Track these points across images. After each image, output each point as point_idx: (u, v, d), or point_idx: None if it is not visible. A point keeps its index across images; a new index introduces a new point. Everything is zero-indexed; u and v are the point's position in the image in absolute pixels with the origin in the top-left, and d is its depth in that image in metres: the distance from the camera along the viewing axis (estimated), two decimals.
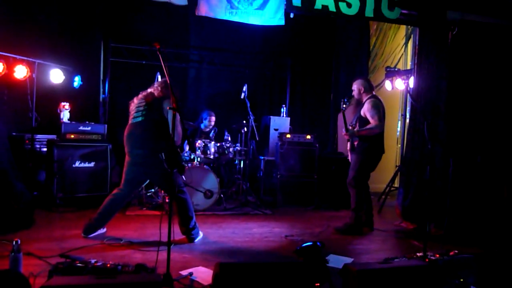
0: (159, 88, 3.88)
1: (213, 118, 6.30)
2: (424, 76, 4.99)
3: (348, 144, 4.69)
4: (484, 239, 4.35)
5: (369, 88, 4.73)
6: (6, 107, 5.21)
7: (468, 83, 4.84)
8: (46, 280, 2.40)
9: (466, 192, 4.61)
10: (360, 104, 4.78)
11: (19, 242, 2.68)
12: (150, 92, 3.92)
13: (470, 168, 4.65)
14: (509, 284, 3.13)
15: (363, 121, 4.58)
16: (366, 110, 4.56)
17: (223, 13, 4.42)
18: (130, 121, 3.89)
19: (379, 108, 4.55)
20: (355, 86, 4.78)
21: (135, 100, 3.96)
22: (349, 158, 4.79)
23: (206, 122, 6.26)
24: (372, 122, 4.49)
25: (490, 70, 4.87)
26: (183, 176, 4.21)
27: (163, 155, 3.70)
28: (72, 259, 2.77)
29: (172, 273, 2.77)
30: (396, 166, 7.27)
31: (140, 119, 3.80)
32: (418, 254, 3.48)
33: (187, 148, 5.64)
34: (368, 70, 7.39)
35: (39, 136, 5.36)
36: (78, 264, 2.65)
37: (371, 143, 4.53)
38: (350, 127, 4.64)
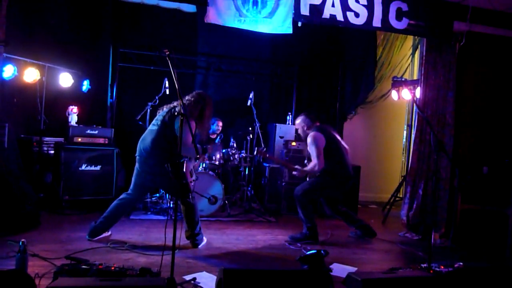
0: (187, 104, 3.84)
1: (221, 124, 6.33)
2: (431, 87, 5.00)
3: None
4: (490, 251, 4.32)
5: (311, 122, 4.65)
6: (15, 109, 5.27)
7: (475, 94, 4.85)
8: (51, 281, 2.41)
9: (471, 202, 4.58)
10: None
11: (25, 243, 2.71)
12: (173, 107, 3.88)
13: (476, 179, 4.63)
14: None
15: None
16: (308, 146, 4.53)
17: (231, 21, 4.46)
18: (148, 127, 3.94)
19: (318, 144, 4.43)
20: (298, 125, 4.73)
21: (164, 108, 3.95)
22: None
23: (214, 127, 6.29)
24: (313, 160, 4.43)
25: (497, 81, 4.88)
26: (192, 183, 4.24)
27: (169, 167, 3.69)
28: (77, 261, 2.79)
29: (176, 277, 2.78)
30: (402, 176, 7.25)
31: (155, 127, 3.82)
32: (422, 265, 3.47)
33: (217, 155, 5.60)
34: (374, 80, 7.41)
35: (47, 138, 5.41)
36: (83, 266, 2.67)
37: (326, 172, 4.46)
38: (298, 166, 4.60)
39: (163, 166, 3.67)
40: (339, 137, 4.73)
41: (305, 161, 4.72)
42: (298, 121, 4.75)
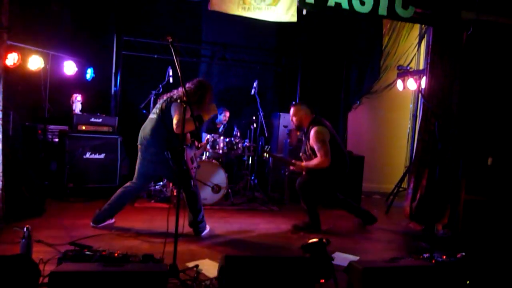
0: (179, 94, 3.81)
1: (228, 114, 6.34)
2: (437, 76, 4.94)
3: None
4: (493, 242, 4.31)
5: (308, 113, 4.46)
6: (20, 97, 5.28)
7: (481, 84, 4.79)
8: (55, 267, 2.44)
9: (475, 193, 4.56)
10: (301, 130, 4.57)
11: (30, 228, 2.74)
12: (171, 96, 3.88)
13: (480, 170, 4.60)
14: None
15: (313, 151, 4.31)
16: (312, 141, 4.28)
17: (235, 8, 4.43)
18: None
19: (325, 139, 4.26)
20: (296, 112, 4.48)
21: (164, 97, 3.94)
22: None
23: (221, 117, 6.30)
24: (319, 156, 4.22)
25: (504, 71, 4.81)
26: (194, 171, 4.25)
27: (169, 154, 3.71)
28: (81, 247, 2.82)
29: (178, 264, 2.81)
30: (406, 166, 7.23)
31: (154, 116, 3.83)
32: (425, 255, 3.47)
33: (220, 144, 5.57)
34: (379, 70, 7.34)
35: (51, 126, 5.43)
36: (87, 252, 2.70)
37: (320, 171, 4.30)
38: (303, 155, 4.44)
39: (164, 154, 3.69)
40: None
41: (300, 154, 4.51)
42: (296, 109, 4.51)
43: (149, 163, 3.84)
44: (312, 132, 4.30)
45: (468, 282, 2.85)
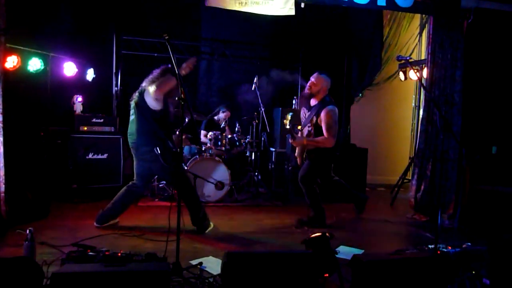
0: (147, 82, 3.82)
1: (229, 114, 6.34)
2: (438, 66, 4.90)
3: (297, 149, 4.41)
4: (498, 232, 4.27)
5: (328, 87, 4.39)
6: (21, 99, 5.28)
7: (483, 73, 4.74)
8: (58, 268, 2.45)
9: (480, 183, 4.53)
10: (308, 99, 4.40)
11: (32, 230, 2.74)
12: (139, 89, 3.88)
13: (485, 159, 4.56)
14: None
15: (318, 128, 4.25)
16: (322, 119, 4.19)
17: (232, 4, 4.40)
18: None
19: (336, 120, 4.21)
20: (319, 81, 4.34)
21: (134, 96, 3.94)
22: (298, 161, 4.51)
23: (221, 115, 6.29)
24: (326, 135, 4.16)
25: (506, 58, 4.76)
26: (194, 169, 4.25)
27: (158, 150, 3.70)
28: (84, 248, 2.82)
29: (182, 262, 2.81)
30: (410, 157, 7.19)
31: (133, 117, 3.85)
32: (430, 246, 3.45)
33: (223, 141, 5.57)
34: (381, 61, 7.29)
35: (53, 128, 5.44)
36: (90, 253, 2.70)
37: (321, 151, 4.26)
38: (307, 130, 4.30)
39: (153, 151, 3.70)
40: None
41: (299, 127, 4.33)
42: (321, 78, 4.35)
43: (143, 163, 3.85)
44: (326, 110, 4.19)
45: (473, 272, 2.83)
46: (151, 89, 3.70)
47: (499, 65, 4.74)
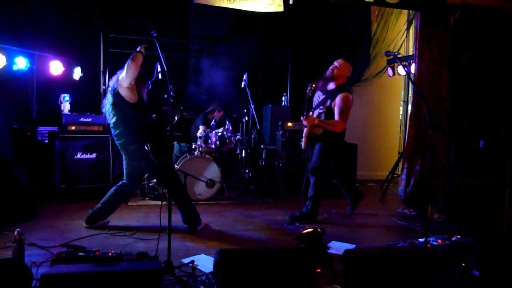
0: (115, 76, 3.76)
1: (222, 114, 6.31)
2: (426, 61, 4.93)
3: (305, 129, 4.34)
4: (487, 224, 4.34)
5: (348, 76, 4.44)
6: (6, 99, 5.21)
7: (470, 67, 4.79)
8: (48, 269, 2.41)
9: (468, 176, 4.58)
10: (326, 86, 4.39)
11: (20, 231, 2.70)
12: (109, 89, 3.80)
13: (472, 153, 4.61)
14: (511, 268, 3.13)
15: (330, 112, 4.25)
16: (337, 103, 4.19)
17: (221, 1, 4.38)
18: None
19: (349, 107, 4.23)
20: (342, 66, 4.34)
21: (107, 96, 3.84)
22: (302, 145, 4.44)
23: (215, 113, 6.28)
24: (339, 119, 4.18)
25: (492, 54, 4.82)
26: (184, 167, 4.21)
27: (148, 146, 3.66)
28: (74, 248, 2.79)
29: (173, 261, 2.79)
30: (399, 152, 7.25)
31: (114, 118, 3.73)
32: (420, 239, 3.48)
33: (213, 139, 5.52)
34: (369, 57, 7.33)
35: (40, 128, 5.36)
36: (80, 254, 2.67)
37: (329, 136, 4.27)
38: (318, 113, 4.29)
39: (143, 148, 3.65)
40: None
41: (311, 112, 4.34)
42: (345, 65, 4.37)
43: (133, 162, 3.81)
44: (342, 95, 4.19)
45: (463, 264, 2.86)
46: (122, 77, 3.61)
47: (486, 59, 4.79)
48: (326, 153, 4.33)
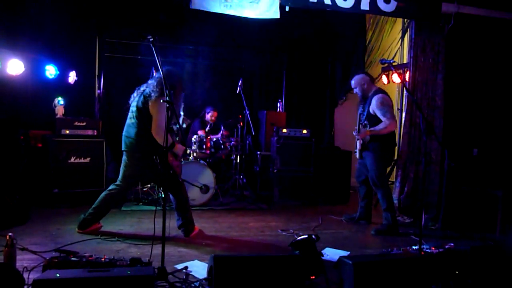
0: (151, 87, 3.70)
1: (215, 114, 6.31)
2: (420, 70, 4.99)
3: (358, 143, 4.44)
4: (481, 232, 4.36)
5: (370, 82, 4.48)
6: (0, 103, 5.17)
7: (464, 76, 4.85)
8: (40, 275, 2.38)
9: (462, 184, 4.61)
10: (364, 100, 4.51)
11: (12, 236, 2.67)
12: (142, 91, 3.78)
13: (466, 161, 4.65)
14: (504, 276, 3.14)
15: (373, 118, 4.32)
16: (375, 108, 4.28)
17: (217, 7, 4.40)
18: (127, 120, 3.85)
19: (389, 104, 4.29)
20: (356, 83, 4.48)
21: (135, 94, 3.86)
22: (357, 156, 4.55)
23: (208, 116, 6.27)
24: (385, 120, 4.22)
25: (486, 63, 4.88)
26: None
27: (158, 159, 3.63)
28: (66, 253, 2.75)
29: (167, 267, 2.77)
30: (393, 160, 7.26)
31: (134, 120, 3.73)
32: (414, 247, 3.49)
33: (208, 144, 5.50)
34: (364, 65, 7.37)
35: (34, 131, 5.32)
36: (73, 259, 2.63)
37: (383, 139, 4.30)
38: (361, 126, 4.39)
39: (151, 158, 3.63)
40: None
41: (356, 127, 4.44)
42: (356, 79, 4.48)
43: (136, 167, 3.77)
44: (376, 97, 4.27)
45: (457, 272, 2.87)
46: (155, 99, 3.58)
47: (479, 68, 4.85)
48: (379, 162, 4.35)
